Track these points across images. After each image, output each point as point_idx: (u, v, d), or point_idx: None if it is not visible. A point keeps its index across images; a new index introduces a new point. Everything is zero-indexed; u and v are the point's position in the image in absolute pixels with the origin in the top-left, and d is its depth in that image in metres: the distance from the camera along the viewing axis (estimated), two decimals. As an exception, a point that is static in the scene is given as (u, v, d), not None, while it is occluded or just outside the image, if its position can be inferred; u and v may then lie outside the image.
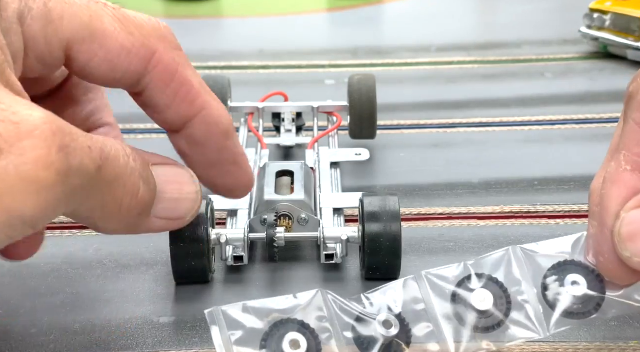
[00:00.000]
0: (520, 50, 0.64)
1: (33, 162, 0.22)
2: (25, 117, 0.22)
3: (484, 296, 0.27)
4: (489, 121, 0.50)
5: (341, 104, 0.46)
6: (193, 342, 0.30)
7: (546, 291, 0.27)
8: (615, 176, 0.26)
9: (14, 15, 0.25)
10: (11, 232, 0.23)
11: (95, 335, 0.30)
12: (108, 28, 0.27)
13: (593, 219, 0.27)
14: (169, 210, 0.28)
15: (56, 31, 0.26)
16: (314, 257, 0.36)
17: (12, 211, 0.22)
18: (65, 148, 0.23)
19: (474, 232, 0.38)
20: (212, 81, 0.45)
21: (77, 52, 0.27)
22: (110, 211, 0.26)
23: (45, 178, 0.22)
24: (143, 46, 0.28)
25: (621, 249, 0.25)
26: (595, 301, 0.27)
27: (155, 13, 0.79)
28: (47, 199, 0.22)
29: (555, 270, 0.28)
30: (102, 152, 0.24)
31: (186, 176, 0.29)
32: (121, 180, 0.25)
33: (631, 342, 0.30)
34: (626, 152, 0.26)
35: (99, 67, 0.27)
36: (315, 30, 0.75)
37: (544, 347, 0.29)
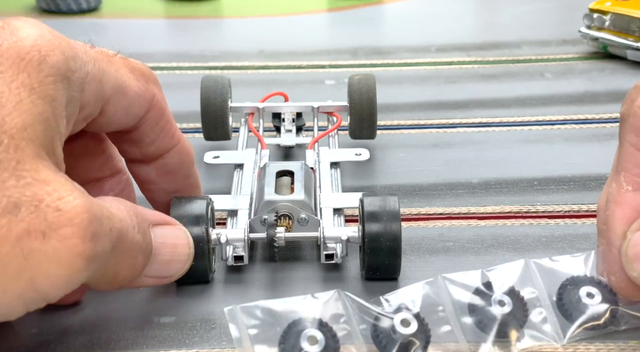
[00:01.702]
0: (520, 50, 0.64)
1: (69, 249, 0.24)
2: (68, 204, 0.24)
3: (503, 303, 0.28)
4: (489, 121, 0.50)
5: (341, 104, 0.46)
6: (193, 342, 0.30)
7: (561, 302, 0.28)
8: (618, 196, 0.27)
9: (77, 83, 0.27)
10: (31, 306, 0.25)
11: (95, 335, 0.31)
12: (126, 80, 0.29)
13: (602, 237, 0.28)
14: (159, 270, 0.30)
15: (102, 91, 0.28)
16: (314, 257, 0.36)
17: (40, 291, 0.24)
18: (95, 236, 0.25)
19: (473, 232, 0.38)
20: (212, 81, 0.45)
21: (109, 106, 0.29)
22: (107, 280, 0.27)
23: (76, 264, 0.24)
24: (147, 91, 0.30)
25: (629, 270, 0.26)
26: (610, 313, 0.28)
27: (156, 13, 0.79)
28: (73, 281, 0.25)
29: (570, 283, 0.28)
30: (119, 232, 0.26)
31: (182, 238, 0.31)
32: (124, 255, 0.27)
33: (631, 342, 0.30)
34: (625, 173, 0.27)
35: (118, 115, 0.29)
36: (315, 30, 0.75)
37: (544, 347, 0.29)
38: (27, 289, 0.24)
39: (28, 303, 0.25)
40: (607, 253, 0.27)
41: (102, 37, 0.70)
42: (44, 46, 0.25)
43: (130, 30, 0.73)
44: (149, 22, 0.76)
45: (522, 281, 0.29)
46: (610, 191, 0.27)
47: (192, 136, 0.48)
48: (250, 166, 0.41)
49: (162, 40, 0.72)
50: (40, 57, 0.25)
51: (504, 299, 0.28)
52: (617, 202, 0.27)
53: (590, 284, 0.28)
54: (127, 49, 0.65)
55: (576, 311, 0.28)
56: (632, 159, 0.27)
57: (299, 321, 0.27)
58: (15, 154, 0.24)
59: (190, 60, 0.63)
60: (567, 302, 0.28)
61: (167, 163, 0.32)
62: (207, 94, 0.45)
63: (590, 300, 0.28)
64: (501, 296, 0.28)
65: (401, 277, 0.34)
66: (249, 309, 0.27)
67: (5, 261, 0.23)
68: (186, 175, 0.33)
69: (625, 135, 0.27)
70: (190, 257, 0.31)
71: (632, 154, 0.26)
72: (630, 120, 0.27)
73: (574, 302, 0.28)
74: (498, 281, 0.28)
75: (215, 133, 0.45)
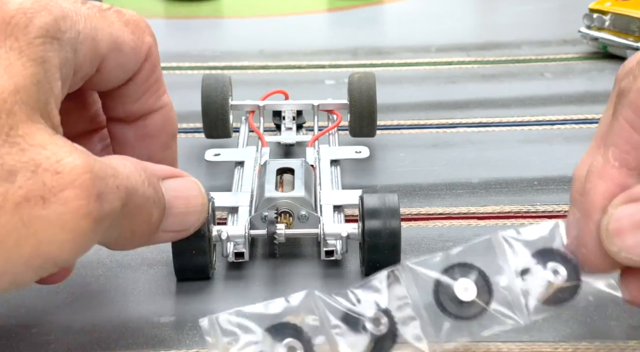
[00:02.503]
0: (520, 50, 0.64)
1: (73, 212, 0.23)
2: (67, 166, 0.23)
3: (466, 286, 0.27)
4: (489, 121, 0.50)
5: (341, 102, 0.46)
6: (193, 341, 0.30)
7: (526, 280, 0.28)
8: (603, 170, 0.26)
9: (69, 43, 0.26)
10: (41, 272, 0.24)
11: (95, 335, 0.30)
12: (121, 34, 0.28)
13: (574, 207, 0.28)
14: (175, 224, 0.29)
15: (97, 49, 0.27)
16: (314, 254, 0.36)
17: (48, 257, 0.24)
18: (101, 195, 0.24)
19: (474, 232, 0.38)
20: (213, 79, 0.45)
21: (106, 63, 0.28)
22: (124, 238, 0.27)
23: (83, 226, 0.23)
24: (143, 43, 0.29)
25: (609, 244, 0.26)
26: (573, 289, 0.28)
27: (156, 13, 0.79)
28: (82, 244, 0.24)
29: (535, 258, 0.28)
30: (127, 189, 0.25)
31: (195, 189, 0.29)
32: (139, 210, 0.26)
33: (631, 342, 0.30)
34: (615, 148, 0.26)
35: (114, 72, 0.29)
36: (315, 30, 0.75)
37: (544, 347, 0.29)
38: (33, 257, 0.23)
39: (37, 270, 0.24)
40: (581, 227, 0.27)
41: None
42: (29, 8, 0.25)
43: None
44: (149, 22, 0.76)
45: (488, 258, 0.28)
46: (594, 164, 0.27)
47: (192, 136, 0.48)
48: (250, 164, 0.41)
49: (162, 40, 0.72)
50: (27, 19, 0.24)
51: (468, 284, 0.27)
52: (602, 176, 0.26)
53: (555, 260, 0.28)
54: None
55: (540, 288, 0.28)
56: (625, 135, 0.26)
57: (275, 328, 0.26)
58: (8, 120, 0.23)
59: (191, 60, 0.62)
60: (531, 279, 0.28)
61: (148, 125, 0.31)
62: (208, 92, 0.45)
63: (554, 276, 0.28)
64: (465, 281, 0.27)
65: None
66: (224, 318, 0.27)
67: (5, 230, 0.23)
68: (165, 144, 0.32)
69: (622, 109, 0.26)
70: (205, 207, 0.30)
71: (626, 131, 0.26)
72: (630, 96, 0.26)
73: (538, 279, 0.28)
74: (463, 262, 0.28)
75: (215, 131, 0.45)
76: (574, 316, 0.31)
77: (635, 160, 0.26)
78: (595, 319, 0.31)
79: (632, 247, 0.25)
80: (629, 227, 0.25)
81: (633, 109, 0.26)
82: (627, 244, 0.25)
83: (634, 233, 0.25)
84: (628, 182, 0.26)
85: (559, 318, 0.31)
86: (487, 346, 0.30)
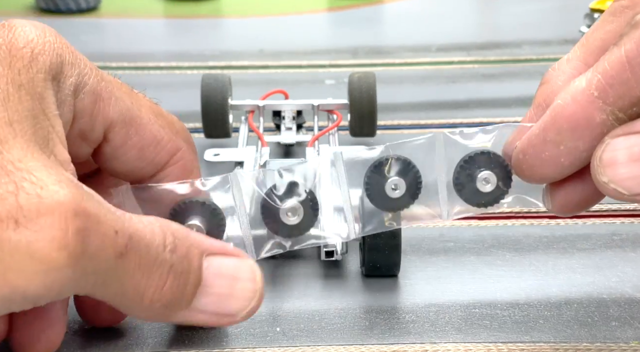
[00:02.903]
0: (520, 50, 0.64)
1: (47, 241, 0.22)
2: (50, 194, 0.22)
3: (397, 184, 0.28)
4: (490, 121, 0.50)
5: (341, 102, 0.46)
6: (193, 342, 0.30)
7: (457, 180, 0.28)
8: (580, 94, 0.25)
9: (71, 88, 0.26)
10: (10, 305, 0.23)
11: (95, 335, 0.30)
12: (144, 117, 0.28)
13: (535, 112, 0.28)
14: (213, 305, 0.27)
15: (103, 109, 0.27)
16: (314, 254, 0.36)
17: (15, 287, 0.22)
18: (83, 231, 0.22)
19: (474, 232, 0.38)
20: (212, 79, 0.45)
21: (115, 133, 0.28)
22: (131, 300, 0.25)
23: (55, 259, 0.22)
24: (171, 141, 0.29)
25: (599, 174, 0.25)
26: (499, 194, 0.28)
27: (156, 13, 0.79)
28: (54, 280, 0.22)
29: (470, 161, 0.28)
30: (130, 239, 0.24)
31: (245, 271, 0.27)
32: (144, 271, 0.25)
33: (632, 342, 0.30)
34: (601, 78, 0.25)
35: (129, 152, 0.28)
36: (315, 30, 0.75)
37: (545, 347, 0.29)
38: (0, 286, 0.22)
39: (5, 302, 0.22)
40: (530, 132, 0.27)
41: (101, 37, 0.70)
42: (38, 45, 0.25)
43: (130, 30, 0.72)
44: (148, 21, 0.76)
45: (426, 156, 0.28)
46: (575, 84, 0.26)
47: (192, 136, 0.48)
48: (250, 164, 0.41)
49: (162, 40, 0.72)
50: (33, 56, 0.25)
51: (398, 181, 0.28)
52: (575, 99, 0.25)
53: (488, 165, 0.28)
54: (126, 48, 0.65)
55: (468, 190, 0.28)
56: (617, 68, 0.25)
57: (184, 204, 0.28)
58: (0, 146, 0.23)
59: (190, 59, 0.62)
60: (461, 180, 0.28)
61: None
62: (208, 92, 0.45)
63: (484, 182, 0.28)
64: (395, 177, 0.28)
65: (401, 277, 0.34)
66: (138, 191, 0.28)
67: None
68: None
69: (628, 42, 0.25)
70: (257, 294, 0.27)
71: (621, 64, 0.25)
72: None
73: (468, 182, 0.28)
74: (400, 157, 0.28)
75: (215, 131, 0.45)
76: (575, 316, 0.31)
77: (614, 97, 0.25)
78: (596, 319, 0.31)
79: (623, 179, 0.25)
80: (624, 159, 0.25)
81: (639, 46, 0.25)
82: (618, 176, 0.25)
83: (628, 165, 0.25)
84: (595, 115, 0.25)
85: (560, 318, 0.31)
86: (487, 346, 0.29)
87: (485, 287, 0.33)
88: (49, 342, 0.27)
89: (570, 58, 0.28)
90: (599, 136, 0.25)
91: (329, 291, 0.33)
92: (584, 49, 0.28)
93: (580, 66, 0.28)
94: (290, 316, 0.32)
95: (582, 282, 0.33)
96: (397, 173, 0.28)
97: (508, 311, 0.31)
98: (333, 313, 0.32)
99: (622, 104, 0.25)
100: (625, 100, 0.25)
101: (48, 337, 0.27)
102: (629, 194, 0.25)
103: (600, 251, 0.36)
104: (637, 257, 0.35)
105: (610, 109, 0.25)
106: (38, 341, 0.27)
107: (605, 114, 0.25)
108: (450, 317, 0.31)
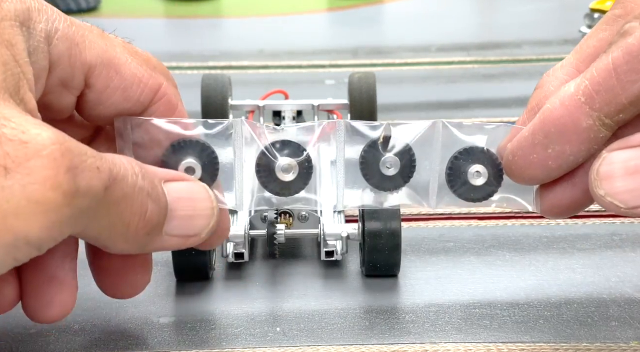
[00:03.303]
0: (520, 50, 0.64)
1: (40, 183, 0.22)
2: (33, 137, 0.22)
3: (392, 162, 0.28)
4: (489, 121, 0.50)
5: (341, 102, 0.46)
6: (193, 342, 0.30)
7: (450, 170, 0.28)
8: (568, 99, 0.26)
9: (42, 34, 0.26)
10: (16, 253, 0.22)
11: (95, 335, 0.30)
12: (121, 57, 0.28)
13: (527, 115, 0.28)
14: (182, 227, 0.27)
15: (80, 54, 0.27)
16: (314, 254, 0.36)
17: (18, 232, 0.22)
18: (73, 169, 0.22)
19: (474, 232, 0.38)
20: (212, 79, 0.45)
21: (96, 77, 0.27)
22: (118, 231, 0.25)
23: (52, 199, 0.22)
24: (152, 77, 0.28)
25: (595, 187, 0.26)
26: (489, 191, 0.29)
27: (156, 13, 0.79)
28: (54, 220, 0.22)
29: (465, 153, 0.28)
30: (110, 172, 0.24)
31: (200, 192, 0.28)
32: (129, 200, 0.25)
33: (632, 343, 0.30)
34: (588, 84, 0.26)
35: (113, 95, 0.28)
36: (315, 30, 0.75)
37: (545, 347, 0.29)
38: (1, 232, 0.22)
39: (11, 250, 0.22)
40: (520, 135, 0.27)
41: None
42: None
43: (130, 30, 0.72)
44: (148, 21, 0.76)
45: (424, 141, 0.29)
46: (565, 88, 0.26)
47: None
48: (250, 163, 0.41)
49: (162, 40, 0.72)
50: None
51: (393, 159, 0.28)
52: (563, 104, 0.26)
53: (478, 161, 0.28)
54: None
55: (459, 183, 0.28)
56: (604, 75, 0.25)
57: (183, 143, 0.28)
58: None
59: (190, 60, 0.62)
60: (454, 172, 0.28)
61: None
62: (208, 92, 0.45)
63: (476, 177, 0.28)
64: (391, 156, 0.28)
65: (401, 277, 0.34)
66: (138, 121, 0.28)
67: None
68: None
69: (616, 50, 0.25)
70: (215, 212, 0.28)
71: (607, 72, 0.25)
72: (629, 41, 0.25)
73: (460, 175, 0.28)
74: (398, 138, 0.29)
75: (215, 131, 0.45)
76: (575, 316, 0.31)
77: (600, 103, 0.25)
78: (596, 319, 0.31)
79: (619, 192, 0.25)
80: (620, 172, 0.25)
81: (625, 54, 0.25)
82: (615, 189, 0.25)
83: (625, 178, 0.25)
84: (582, 119, 0.26)
85: (560, 318, 0.31)
86: (487, 346, 0.29)
87: (485, 287, 0.33)
88: (61, 306, 0.27)
89: (564, 64, 0.29)
90: (585, 141, 0.26)
91: (329, 291, 0.33)
92: (577, 55, 0.29)
93: (573, 72, 0.28)
94: (290, 316, 0.32)
95: (582, 282, 0.33)
96: (394, 152, 0.28)
97: (508, 311, 0.32)
98: (333, 313, 0.32)
99: (608, 110, 0.25)
100: (611, 107, 0.25)
101: (60, 301, 0.27)
102: (625, 207, 0.25)
103: (600, 251, 0.36)
104: (637, 257, 0.35)
105: (597, 114, 0.26)
106: (51, 305, 0.27)
107: (591, 119, 0.26)
108: (450, 317, 0.31)
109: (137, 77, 0.28)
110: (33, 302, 0.27)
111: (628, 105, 0.25)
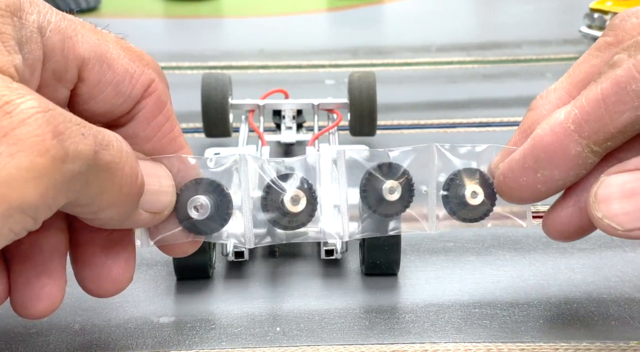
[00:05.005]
0: (520, 50, 0.64)
1: (28, 150, 0.22)
2: (18, 106, 0.22)
3: (394, 188, 0.29)
4: (489, 121, 0.50)
5: (341, 101, 0.46)
6: (193, 342, 0.30)
7: (447, 193, 0.29)
8: (558, 127, 0.27)
9: (34, 25, 0.26)
10: (12, 224, 0.22)
11: (95, 335, 0.30)
12: (114, 52, 0.28)
13: (519, 136, 0.29)
14: (151, 202, 0.28)
15: (73, 47, 0.27)
16: (314, 253, 0.36)
17: (11, 201, 0.22)
18: (59, 134, 0.22)
19: (474, 232, 0.38)
20: (212, 78, 0.45)
21: (89, 71, 0.27)
22: (111, 197, 0.25)
23: (42, 164, 0.22)
24: (143, 73, 0.29)
25: (594, 210, 0.26)
26: (484, 211, 0.29)
27: (155, 13, 0.79)
28: (46, 186, 0.22)
29: (460, 175, 0.29)
30: (95, 138, 0.24)
31: (162, 170, 0.29)
32: (119, 164, 0.25)
33: (632, 343, 0.30)
34: (578, 112, 0.27)
35: (105, 90, 0.28)
36: (315, 30, 0.75)
37: (544, 347, 0.29)
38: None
39: (7, 220, 0.22)
40: (511, 156, 0.28)
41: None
42: None
43: (130, 29, 0.72)
44: (148, 21, 0.76)
45: (420, 165, 0.29)
46: (555, 115, 0.27)
47: (192, 136, 0.48)
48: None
49: (162, 40, 0.72)
50: None
51: (394, 185, 0.29)
52: (554, 131, 0.27)
53: (475, 181, 0.29)
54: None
55: (456, 204, 0.29)
56: (593, 105, 0.26)
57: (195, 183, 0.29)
58: None
59: (190, 59, 0.62)
60: (451, 194, 0.29)
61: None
62: (208, 91, 0.45)
63: (472, 197, 0.29)
64: (391, 181, 0.29)
65: (401, 277, 0.34)
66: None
67: None
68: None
69: (605, 81, 0.26)
70: (174, 189, 0.29)
71: (596, 102, 0.26)
72: (617, 73, 0.26)
73: (457, 196, 0.29)
74: (397, 164, 0.29)
75: (215, 130, 0.45)
76: (575, 316, 0.31)
77: (589, 131, 0.26)
78: (596, 319, 0.31)
79: (616, 215, 0.26)
80: (617, 195, 0.26)
81: (613, 86, 0.26)
82: (612, 212, 0.26)
83: (621, 201, 0.26)
84: (571, 146, 0.27)
85: (560, 318, 0.31)
86: (487, 346, 0.29)
87: (485, 287, 0.33)
88: (50, 299, 0.27)
89: (556, 88, 0.30)
90: (574, 167, 0.27)
91: (328, 290, 0.33)
92: (570, 80, 0.30)
93: (564, 97, 0.29)
94: (290, 315, 0.32)
95: (582, 282, 0.33)
96: (394, 178, 0.29)
97: (508, 311, 0.32)
98: (333, 313, 0.32)
99: (596, 139, 0.26)
100: (600, 135, 0.26)
101: (49, 294, 0.27)
102: (622, 229, 0.26)
103: (600, 251, 0.36)
104: (637, 257, 0.35)
105: (586, 142, 0.27)
106: (39, 299, 0.27)
107: (580, 147, 0.27)
108: (450, 317, 0.31)
109: (129, 72, 0.28)
110: (21, 296, 0.27)
111: (616, 134, 0.26)
